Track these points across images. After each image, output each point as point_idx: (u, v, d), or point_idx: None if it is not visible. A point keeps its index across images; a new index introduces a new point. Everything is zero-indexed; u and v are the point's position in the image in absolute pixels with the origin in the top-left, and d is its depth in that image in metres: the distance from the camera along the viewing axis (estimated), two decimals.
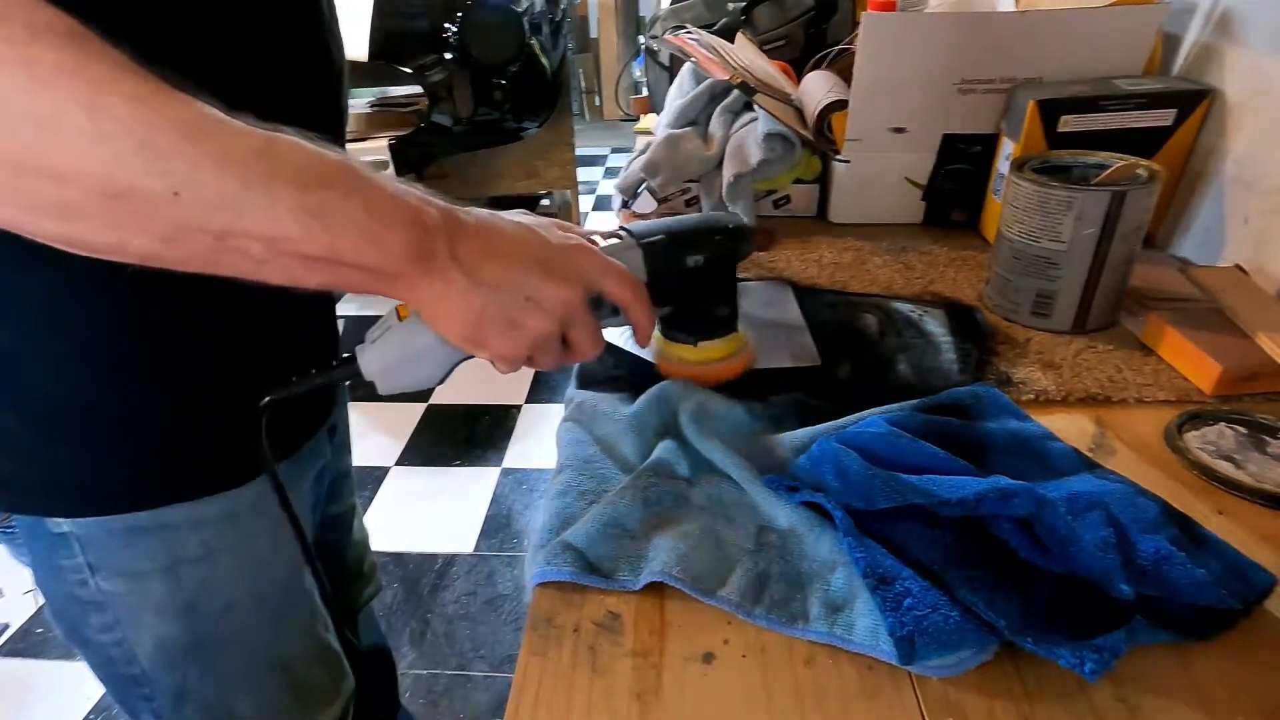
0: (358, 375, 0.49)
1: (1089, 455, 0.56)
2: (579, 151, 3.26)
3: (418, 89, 2.65)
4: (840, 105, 0.94)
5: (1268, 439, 0.58)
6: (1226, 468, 0.55)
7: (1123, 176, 0.71)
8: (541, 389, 2.36)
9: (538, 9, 2.76)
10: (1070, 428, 0.60)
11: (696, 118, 1.06)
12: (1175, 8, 0.89)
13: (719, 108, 1.03)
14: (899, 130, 0.93)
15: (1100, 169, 0.73)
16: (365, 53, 2.43)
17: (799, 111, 1.01)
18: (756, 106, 0.95)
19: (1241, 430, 0.59)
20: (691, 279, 0.54)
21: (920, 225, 1.00)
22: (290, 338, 0.59)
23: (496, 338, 0.44)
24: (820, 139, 0.97)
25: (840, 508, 0.49)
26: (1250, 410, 0.61)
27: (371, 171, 0.40)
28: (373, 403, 2.26)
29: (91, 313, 0.48)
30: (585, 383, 0.67)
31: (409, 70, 2.54)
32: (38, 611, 1.64)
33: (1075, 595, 0.43)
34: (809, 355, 0.70)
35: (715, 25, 1.24)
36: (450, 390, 2.34)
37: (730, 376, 0.63)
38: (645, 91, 1.50)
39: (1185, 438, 0.59)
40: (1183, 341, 0.67)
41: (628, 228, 0.53)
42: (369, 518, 1.82)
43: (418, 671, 1.51)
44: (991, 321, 0.76)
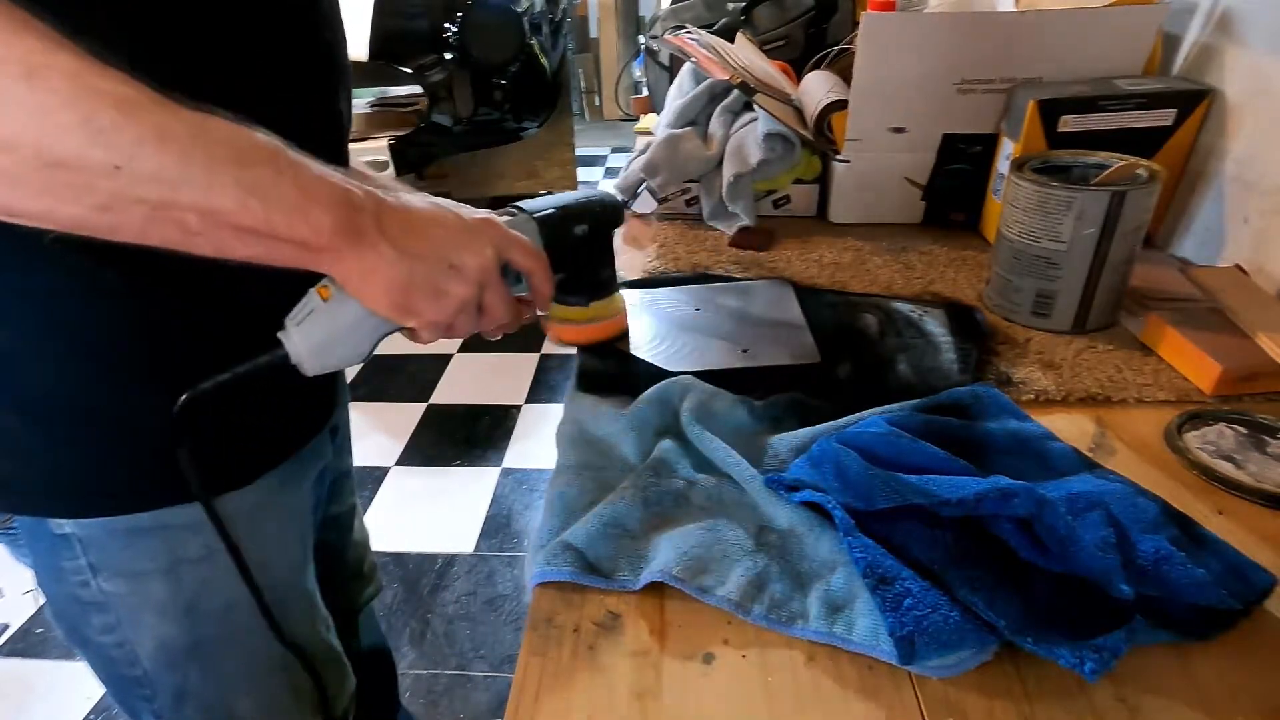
0: (284, 359, 0.49)
1: (1089, 455, 0.56)
2: (579, 151, 3.26)
3: (418, 89, 2.65)
4: (840, 105, 0.94)
5: (1268, 439, 0.58)
6: (1226, 468, 0.55)
7: (1123, 176, 0.71)
8: (541, 389, 2.36)
9: (538, 9, 2.76)
10: (1070, 428, 0.60)
11: (696, 118, 1.06)
12: (1175, 8, 0.89)
13: (719, 108, 1.03)
14: (899, 130, 0.93)
15: (1100, 169, 0.73)
16: (365, 53, 2.43)
17: (799, 111, 1.02)
18: (756, 106, 0.95)
19: (1241, 430, 0.59)
20: (579, 247, 0.59)
21: (920, 225, 1.00)
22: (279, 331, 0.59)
23: (426, 305, 0.47)
24: (820, 139, 0.97)
25: (840, 508, 0.49)
26: (1250, 410, 0.61)
27: (297, 153, 0.42)
28: (373, 403, 2.26)
29: (91, 313, 0.48)
30: (585, 383, 0.67)
31: (409, 70, 2.54)
32: (38, 611, 1.64)
33: (1075, 595, 0.43)
34: (809, 355, 0.70)
35: (715, 25, 1.24)
36: (450, 390, 2.34)
37: (616, 331, 0.71)
38: (645, 91, 1.50)
39: (1185, 438, 0.59)
40: (1183, 341, 0.67)
41: (519, 205, 0.57)
42: (369, 518, 1.82)
43: (418, 671, 1.51)
44: (991, 321, 0.76)
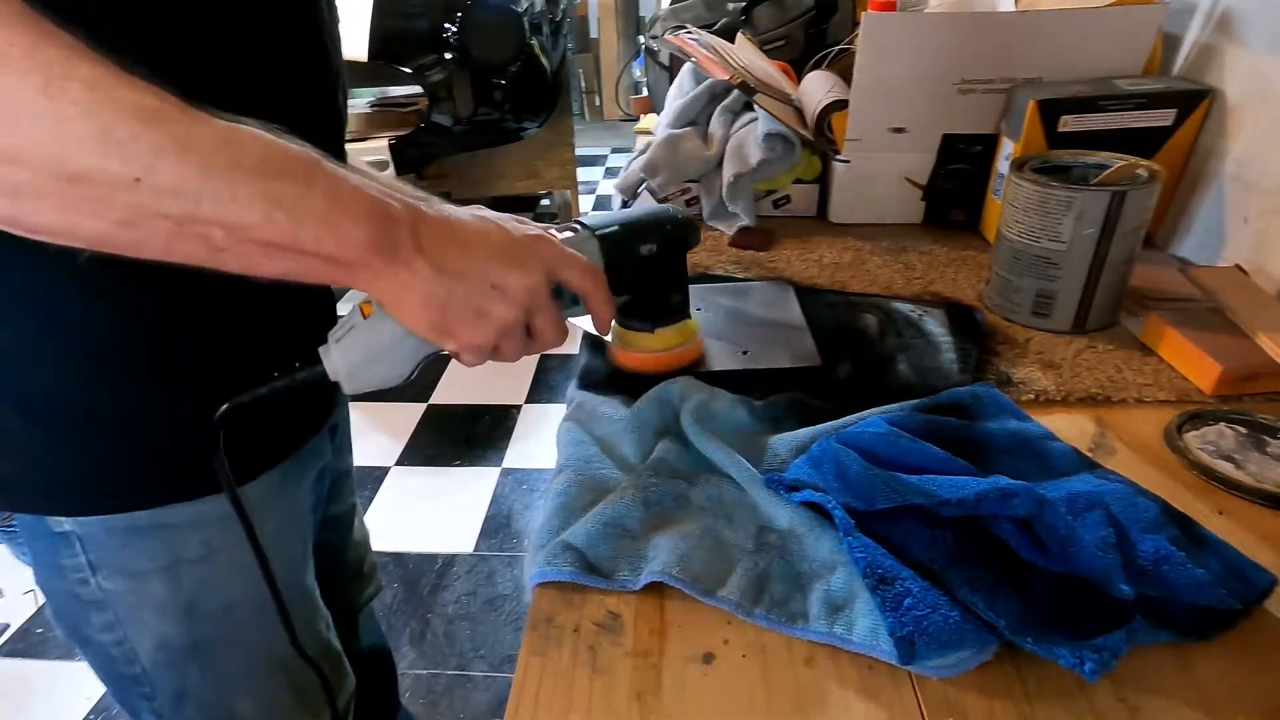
0: (322, 376, 0.48)
1: (1089, 455, 0.56)
2: (579, 151, 3.26)
3: (418, 89, 2.65)
4: (840, 105, 0.94)
5: (1268, 439, 0.58)
6: (1226, 468, 0.55)
7: (1123, 176, 0.71)
8: (541, 389, 2.36)
9: (538, 9, 2.76)
10: (1070, 428, 0.60)
11: (696, 118, 1.06)
12: (1175, 8, 0.89)
13: (719, 108, 1.03)
14: (899, 130, 0.93)
15: (1100, 169, 0.73)
16: (365, 53, 2.43)
17: (799, 111, 1.02)
18: (756, 106, 0.95)
19: (1241, 430, 0.59)
20: (645, 267, 0.56)
21: (920, 225, 0.99)
22: (290, 338, 0.59)
23: (464, 327, 0.44)
24: (820, 139, 0.97)
25: (840, 508, 0.49)
26: (1250, 410, 0.61)
27: (333, 164, 0.40)
28: (373, 403, 2.26)
29: (91, 313, 0.48)
30: (586, 383, 0.67)
31: (409, 70, 2.54)
32: (38, 611, 1.64)
33: (1075, 595, 0.43)
34: (809, 355, 0.70)
35: (715, 25, 1.24)
36: (450, 390, 2.34)
37: (686, 362, 0.65)
38: (645, 91, 1.50)
39: (1185, 438, 0.59)
40: (1183, 341, 0.67)
41: (582, 220, 0.54)
42: (369, 518, 1.82)
43: (418, 671, 1.51)
44: (991, 321, 0.76)
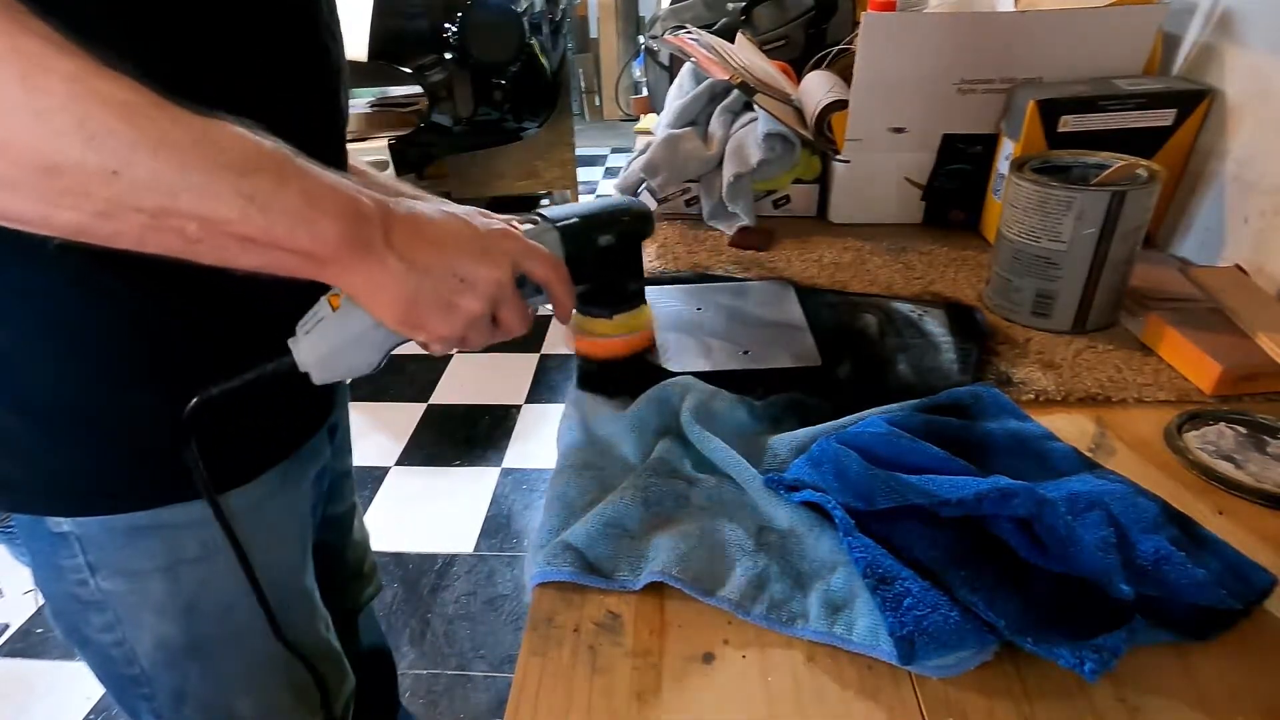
0: (292, 368, 0.49)
1: (1089, 455, 0.56)
2: (579, 151, 3.26)
3: (418, 89, 2.65)
4: (840, 105, 0.94)
5: (1268, 439, 0.58)
6: (1226, 468, 0.55)
7: (1123, 176, 0.71)
8: (541, 389, 2.36)
9: (538, 9, 2.76)
10: (1070, 428, 0.60)
11: (696, 118, 1.06)
12: (1175, 8, 0.89)
13: (719, 108, 1.03)
14: (899, 130, 0.93)
15: (1100, 169, 0.73)
16: (365, 53, 2.43)
17: (799, 111, 1.01)
18: (756, 106, 0.95)
19: (1241, 430, 0.59)
20: (604, 257, 0.57)
21: (920, 225, 0.99)
22: (289, 337, 0.59)
23: (433, 319, 0.46)
24: (820, 139, 0.97)
25: (840, 508, 0.49)
26: (1250, 410, 0.61)
27: (306, 161, 0.41)
28: (373, 403, 2.26)
29: (91, 313, 0.48)
30: (586, 383, 0.67)
31: (409, 70, 2.54)
32: (38, 611, 1.64)
33: (1075, 595, 0.43)
34: (809, 355, 0.70)
35: (715, 25, 1.24)
36: (450, 390, 2.34)
37: (643, 346, 0.68)
38: (645, 91, 1.50)
39: (1185, 438, 0.59)
40: (1183, 341, 0.67)
41: (542, 212, 0.56)
42: (369, 518, 1.82)
43: (418, 671, 1.51)
44: (991, 321, 0.76)
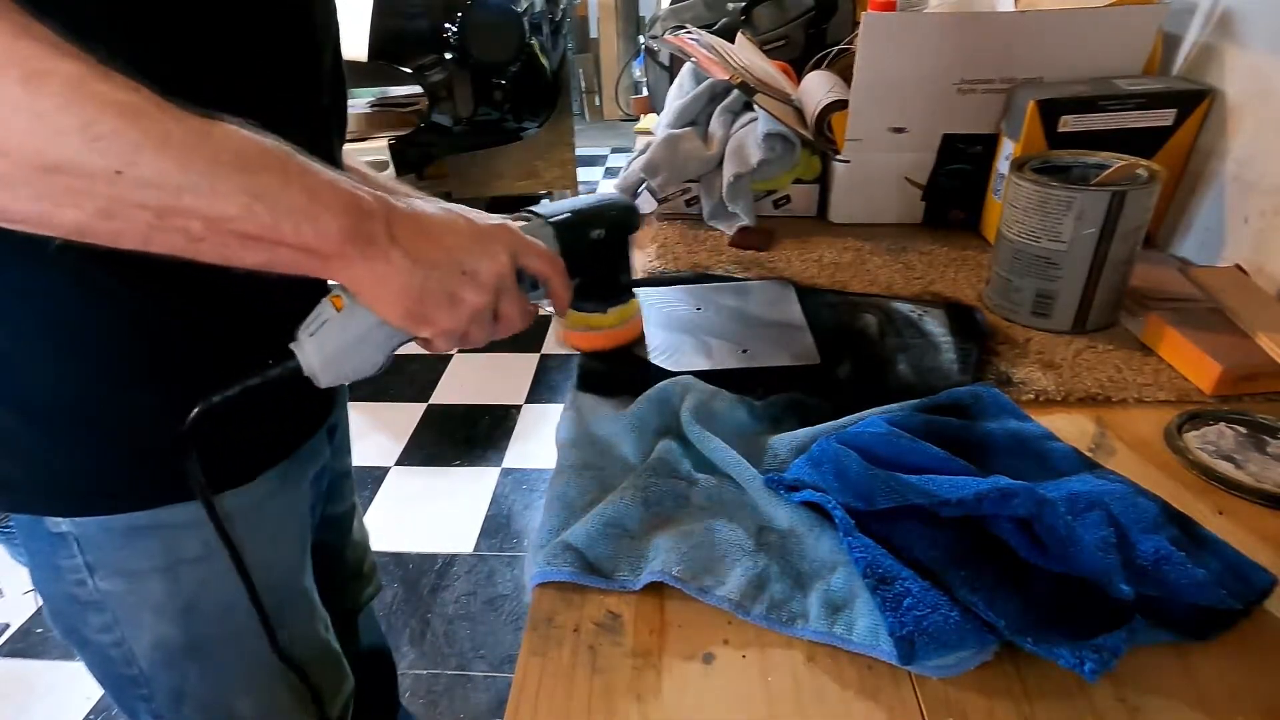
0: (296, 371, 0.48)
1: (1089, 455, 0.56)
2: (579, 151, 3.26)
3: (418, 89, 2.65)
4: (840, 105, 0.94)
5: (1268, 439, 0.58)
6: (1226, 468, 0.55)
7: (1123, 176, 0.71)
8: (541, 389, 2.36)
9: (538, 9, 2.76)
10: (1070, 428, 0.60)
11: (696, 118, 1.06)
12: (1175, 8, 0.89)
13: (719, 108, 1.03)
14: (899, 130, 0.93)
15: (1100, 169, 0.73)
16: (365, 53, 2.43)
17: (799, 111, 1.01)
18: (756, 106, 0.95)
19: (1241, 430, 0.59)
20: (596, 251, 0.58)
21: (920, 225, 0.99)
22: (290, 338, 0.59)
23: (438, 313, 0.46)
24: (820, 139, 0.97)
25: (840, 508, 0.49)
26: (1250, 410, 0.61)
27: (307, 159, 0.41)
28: (373, 403, 2.26)
29: (91, 313, 0.48)
30: (586, 383, 0.67)
31: (409, 70, 2.54)
32: (38, 611, 1.64)
33: (1075, 595, 0.43)
34: (809, 354, 0.70)
35: (715, 25, 1.24)
36: (450, 390, 2.34)
37: (632, 337, 0.70)
38: (645, 91, 1.50)
39: (1185, 438, 0.59)
40: (1183, 341, 0.67)
41: (534, 210, 0.56)
42: (369, 518, 1.82)
43: (418, 671, 1.51)
44: (991, 321, 0.76)
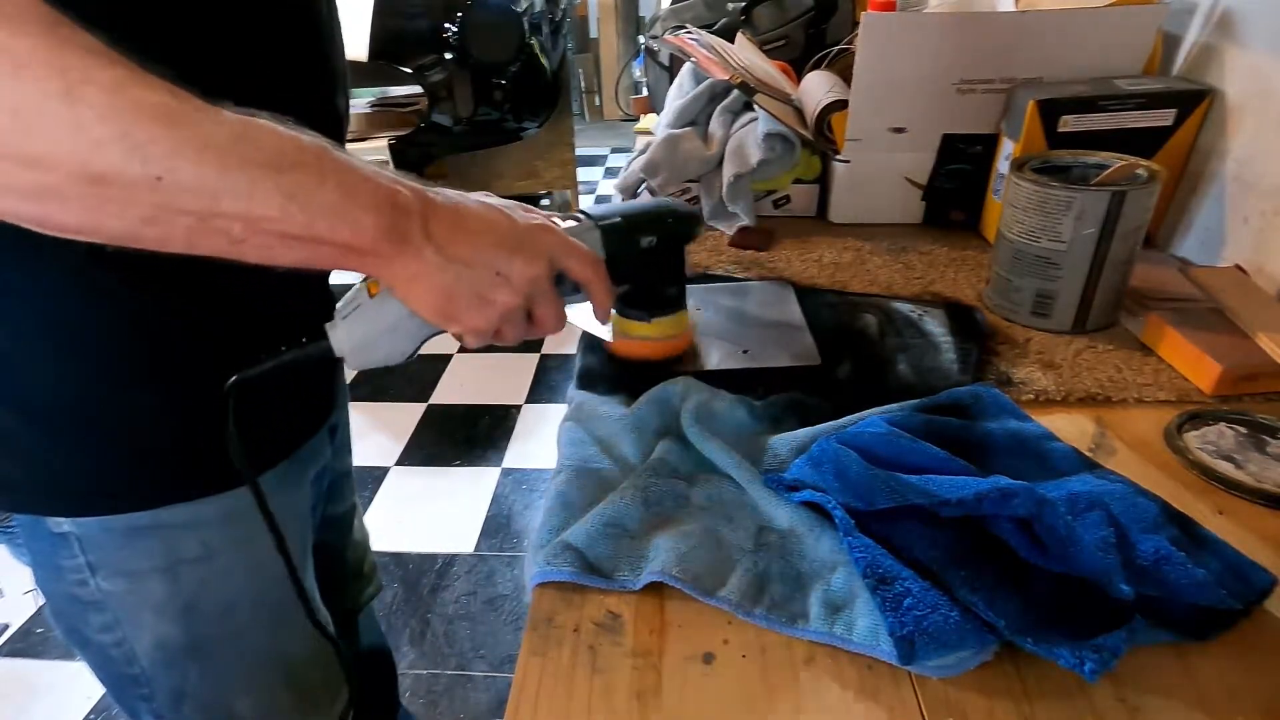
0: (327, 352, 0.49)
1: (1089, 455, 0.56)
2: (579, 151, 3.26)
3: (418, 89, 2.65)
4: (840, 105, 0.94)
5: (1268, 439, 0.58)
6: (1226, 468, 0.55)
7: (1123, 176, 0.71)
8: (541, 389, 2.36)
9: (538, 9, 2.76)
10: (1070, 428, 0.60)
11: (696, 118, 1.06)
12: (1175, 8, 0.89)
13: (719, 108, 1.03)
14: (899, 130, 0.93)
15: (1100, 169, 0.73)
16: (365, 53, 2.43)
17: (799, 111, 1.01)
18: (756, 106, 0.95)
19: (1241, 430, 0.59)
20: (645, 259, 0.57)
21: (920, 225, 0.99)
22: (290, 337, 0.59)
23: (468, 312, 0.46)
24: (820, 139, 0.97)
25: (840, 508, 0.49)
26: (1250, 410, 0.61)
27: (344, 154, 0.41)
28: (373, 403, 2.26)
29: (91, 313, 0.48)
30: (586, 383, 0.67)
31: (409, 70, 2.54)
32: (38, 611, 1.64)
33: (1075, 595, 0.43)
34: (809, 355, 0.70)
35: (715, 25, 1.24)
36: (450, 390, 2.34)
37: (679, 351, 0.68)
38: (645, 91, 1.51)
39: (1185, 438, 0.59)
40: (1183, 341, 0.67)
41: (585, 211, 0.55)
42: (369, 518, 1.82)
43: (418, 671, 1.51)
44: (991, 321, 0.76)
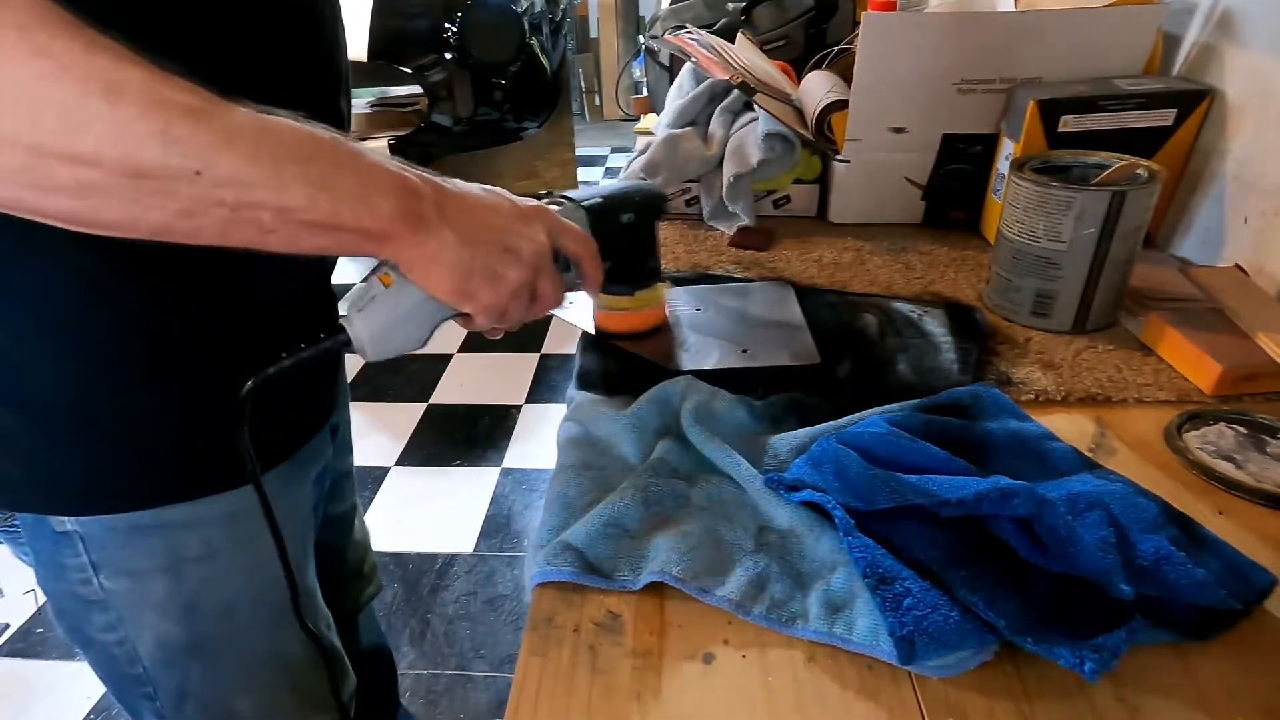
0: (345, 345, 0.51)
1: (1089, 455, 0.56)
2: (579, 151, 3.26)
3: (418, 89, 2.65)
4: (840, 105, 0.94)
5: (1268, 439, 0.58)
6: (1226, 468, 0.55)
7: (1123, 176, 0.71)
8: (541, 389, 2.36)
9: (538, 9, 2.77)
10: (1070, 428, 0.60)
11: (696, 118, 1.06)
12: (1175, 8, 0.89)
13: (719, 108, 1.03)
14: (899, 130, 0.93)
15: (1100, 169, 0.73)
16: (365, 53, 2.43)
17: (799, 111, 1.02)
18: (756, 106, 0.95)
19: (1241, 430, 0.59)
20: (626, 234, 0.61)
21: (920, 225, 0.99)
22: (290, 337, 0.59)
23: (483, 288, 0.48)
24: (820, 139, 0.97)
25: (840, 508, 0.49)
26: (1250, 410, 0.61)
27: (353, 144, 0.43)
28: (373, 403, 2.26)
29: (91, 313, 0.48)
30: (585, 383, 0.67)
31: (409, 70, 2.54)
32: (38, 611, 1.64)
33: (1075, 595, 0.43)
34: (809, 356, 0.70)
35: (715, 25, 1.24)
36: (450, 390, 2.34)
37: (658, 321, 0.74)
38: (645, 91, 1.51)
39: (1185, 438, 0.59)
40: (1183, 341, 0.67)
41: (567, 195, 0.59)
42: (369, 518, 1.82)
43: (418, 671, 1.51)
44: (991, 321, 0.76)
